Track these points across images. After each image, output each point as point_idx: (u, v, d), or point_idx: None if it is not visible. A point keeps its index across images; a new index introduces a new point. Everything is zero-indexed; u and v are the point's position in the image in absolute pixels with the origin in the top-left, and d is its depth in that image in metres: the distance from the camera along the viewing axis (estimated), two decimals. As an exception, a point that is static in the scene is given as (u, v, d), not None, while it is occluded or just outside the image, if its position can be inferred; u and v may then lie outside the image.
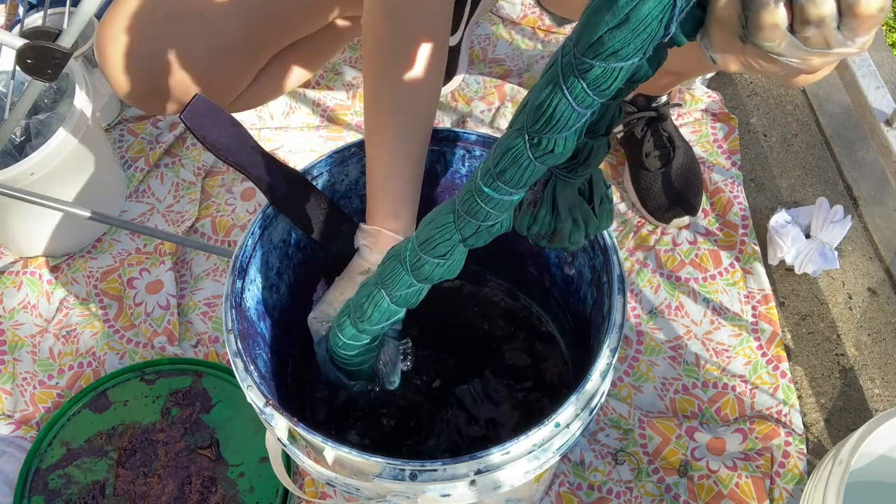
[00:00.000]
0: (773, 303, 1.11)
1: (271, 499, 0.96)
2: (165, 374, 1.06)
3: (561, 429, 0.64)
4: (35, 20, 1.25)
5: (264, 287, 0.80)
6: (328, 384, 0.90)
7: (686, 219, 1.17)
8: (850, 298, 1.12)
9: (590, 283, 0.80)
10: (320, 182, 0.82)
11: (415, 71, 0.73)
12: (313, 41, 1.09)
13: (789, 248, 1.12)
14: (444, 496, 0.63)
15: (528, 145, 0.49)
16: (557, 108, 0.45)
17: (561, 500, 0.96)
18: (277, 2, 0.97)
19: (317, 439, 0.63)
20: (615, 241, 0.73)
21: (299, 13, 1.00)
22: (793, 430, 1.01)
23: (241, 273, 0.75)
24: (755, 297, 1.11)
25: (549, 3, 1.09)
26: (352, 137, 1.31)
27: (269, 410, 0.67)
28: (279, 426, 0.67)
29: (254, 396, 0.68)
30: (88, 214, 1.02)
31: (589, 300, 0.81)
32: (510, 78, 1.36)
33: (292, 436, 0.68)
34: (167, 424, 1.02)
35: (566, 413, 0.65)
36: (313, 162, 0.81)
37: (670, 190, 1.16)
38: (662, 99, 1.18)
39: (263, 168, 0.76)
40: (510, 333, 0.93)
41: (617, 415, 1.02)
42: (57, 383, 1.08)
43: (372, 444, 0.86)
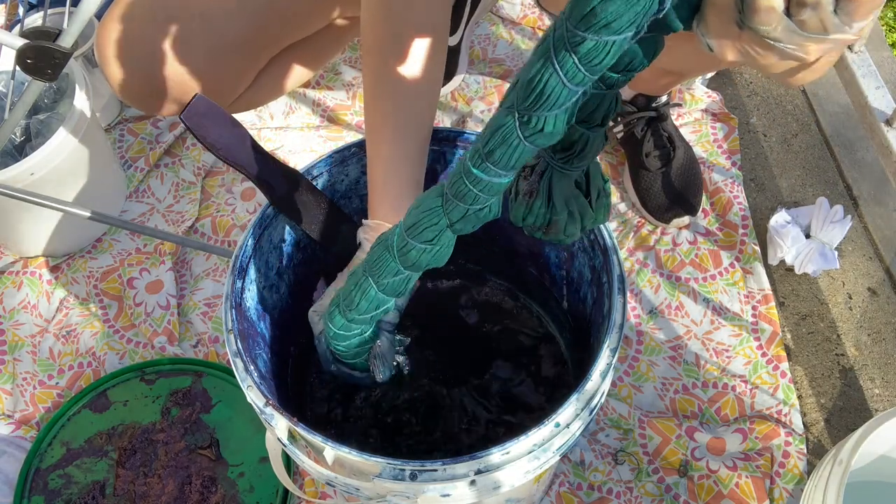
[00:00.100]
0: (773, 303, 1.11)
1: (271, 499, 0.96)
2: (165, 374, 1.06)
3: (561, 429, 0.64)
4: (35, 20, 1.25)
5: (264, 287, 0.80)
6: (328, 384, 0.90)
7: (686, 219, 1.17)
8: (850, 298, 1.12)
9: (590, 283, 0.80)
10: (320, 182, 0.82)
11: (414, 70, 0.73)
12: (313, 41, 1.09)
13: (789, 248, 1.12)
14: (444, 496, 0.63)
15: (518, 123, 0.47)
16: (548, 84, 0.44)
17: (561, 500, 0.96)
18: (278, 2, 0.97)
19: (317, 439, 0.63)
20: (615, 241, 0.73)
21: (299, 13, 1.00)
22: (793, 430, 1.01)
23: (241, 273, 0.75)
24: (755, 297, 1.11)
25: (549, 4, 1.09)
26: (352, 137, 1.31)
27: (269, 410, 0.67)
28: (279, 426, 0.67)
29: (254, 396, 0.68)
30: (88, 214, 1.02)
31: (589, 300, 0.81)
32: (510, 78, 1.36)
33: (292, 436, 0.68)
34: (167, 424, 1.02)
35: (566, 413, 0.65)
36: (313, 162, 0.81)
37: (670, 190, 1.16)
38: (662, 99, 1.18)
39: (263, 168, 0.76)
40: (510, 333, 0.93)
41: (617, 415, 1.02)
42: (57, 383, 1.08)
43: (372, 444, 0.86)
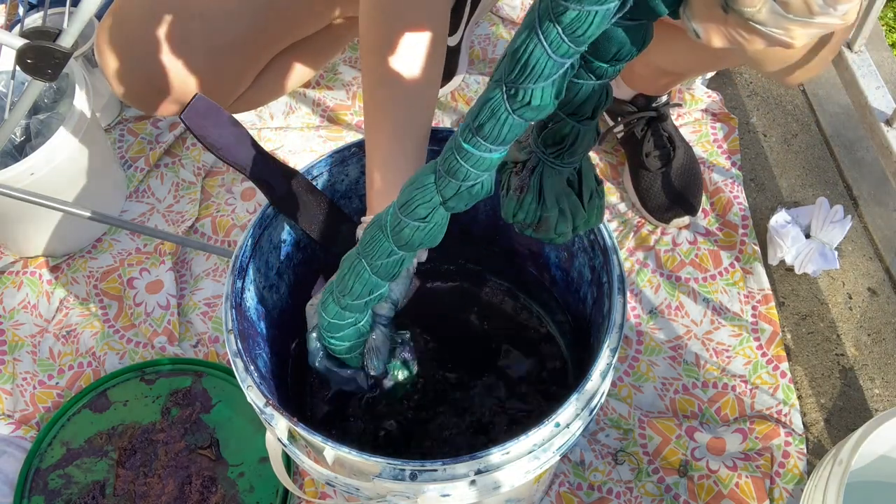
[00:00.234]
0: (773, 303, 1.11)
1: (271, 499, 0.96)
2: (165, 374, 1.06)
3: (561, 429, 0.64)
4: (35, 20, 1.25)
5: (264, 287, 0.80)
6: (328, 383, 0.90)
7: (686, 219, 1.17)
8: (850, 298, 1.12)
9: (590, 283, 0.80)
10: (320, 182, 0.82)
11: (412, 69, 0.73)
12: (313, 41, 1.09)
13: (789, 248, 1.12)
14: (444, 496, 0.63)
15: (506, 96, 0.48)
16: (533, 55, 0.45)
17: (561, 500, 0.96)
18: (278, 2, 0.97)
19: (317, 439, 0.63)
20: (615, 241, 0.73)
21: (299, 14, 1.00)
22: (793, 430, 1.01)
23: (241, 273, 0.75)
24: (755, 297, 1.11)
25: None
26: (352, 137, 1.31)
27: (269, 410, 0.67)
28: (279, 426, 0.67)
29: (254, 396, 0.68)
30: (88, 214, 1.02)
31: (589, 300, 0.81)
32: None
33: (292, 436, 0.68)
34: (167, 424, 1.02)
35: (566, 413, 0.65)
36: (313, 162, 0.81)
37: (670, 190, 1.16)
38: (662, 99, 1.18)
39: (263, 168, 0.76)
40: (510, 333, 0.93)
41: (617, 415, 1.02)
42: (57, 383, 1.08)
43: (372, 444, 0.86)
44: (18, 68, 0.86)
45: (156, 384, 1.06)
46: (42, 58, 0.85)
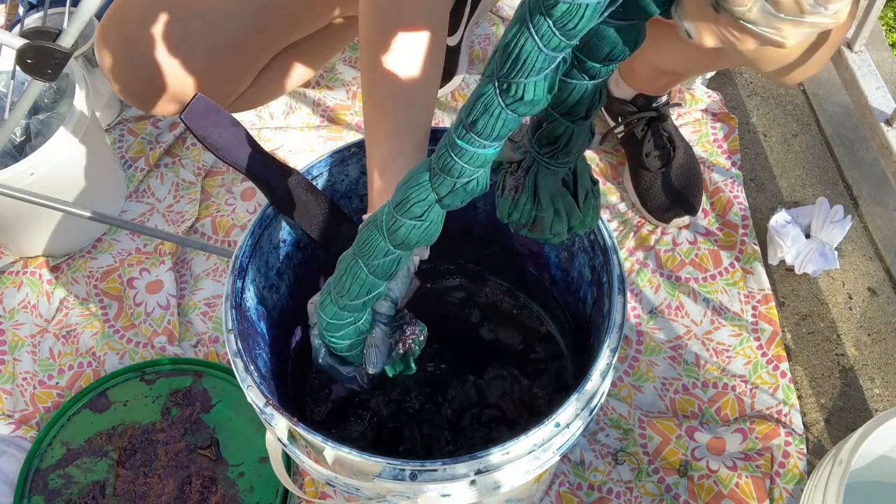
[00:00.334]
0: (773, 303, 1.11)
1: (271, 499, 0.96)
2: (165, 374, 1.06)
3: (561, 429, 0.64)
4: (35, 20, 1.25)
5: (264, 287, 0.80)
6: (328, 383, 0.90)
7: (686, 219, 1.17)
8: (850, 298, 1.12)
9: (590, 283, 0.80)
10: (320, 182, 0.82)
11: (411, 65, 0.73)
12: (313, 41, 1.09)
13: (789, 248, 1.12)
14: (444, 496, 0.63)
15: (498, 91, 0.48)
16: (524, 49, 0.45)
17: (561, 500, 0.96)
18: (278, 2, 0.97)
19: (317, 439, 0.63)
20: (615, 241, 0.73)
21: (300, 13, 1.00)
22: (793, 430, 1.01)
23: (241, 273, 0.75)
24: (755, 297, 1.11)
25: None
26: (352, 137, 1.31)
27: (269, 410, 0.67)
28: (279, 426, 0.67)
29: (254, 396, 0.68)
30: (88, 214, 1.02)
31: (589, 300, 0.81)
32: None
33: (292, 436, 0.68)
34: (167, 424, 1.02)
35: (566, 413, 0.65)
36: (313, 162, 0.81)
37: (670, 190, 1.16)
38: (662, 99, 1.18)
39: (263, 168, 0.76)
40: (510, 333, 0.93)
41: (617, 415, 1.02)
42: (57, 383, 1.08)
43: (372, 444, 0.86)
44: (18, 68, 0.86)
45: (156, 384, 1.06)
46: (42, 58, 0.85)
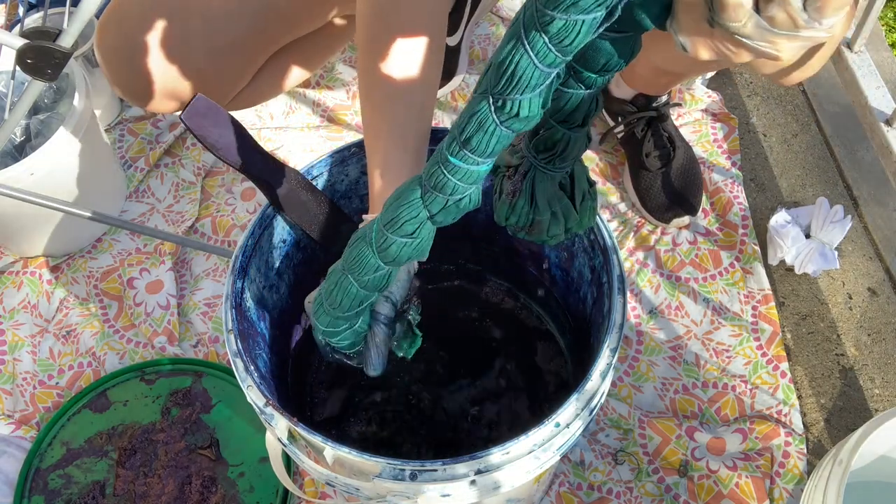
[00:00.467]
0: (773, 303, 1.10)
1: (271, 499, 0.96)
2: (165, 374, 1.06)
3: (561, 429, 0.64)
4: (35, 20, 1.25)
5: (264, 287, 0.80)
6: (328, 383, 0.90)
7: (686, 219, 1.17)
8: (850, 298, 1.12)
9: (590, 283, 0.80)
10: (320, 182, 0.82)
11: (410, 66, 0.73)
12: (312, 40, 1.09)
13: (789, 248, 1.12)
14: (444, 496, 0.63)
15: (493, 108, 0.47)
16: (519, 66, 0.44)
17: (561, 500, 0.96)
18: (278, 1, 0.97)
19: (317, 439, 0.63)
20: (615, 241, 0.73)
21: (299, 13, 1.00)
22: (793, 430, 1.01)
23: (241, 273, 0.75)
24: (755, 297, 1.11)
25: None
26: (352, 137, 1.31)
27: (269, 410, 0.67)
28: (279, 426, 0.67)
29: (254, 396, 0.68)
30: (88, 214, 1.02)
31: (589, 300, 0.81)
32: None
33: (292, 436, 0.68)
34: (167, 424, 1.02)
35: (566, 413, 0.65)
36: (313, 162, 0.81)
37: (670, 190, 1.16)
38: (662, 99, 1.18)
39: (263, 168, 0.76)
40: (510, 333, 0.93)
41: (617, 415, 1.02)
42: (57, 383, 1.08)
43: (372, 444, 0.86)
44: (18, 68, 0.86)
45: (156, 384, 1.06)
46: (42, 58, 0.85)
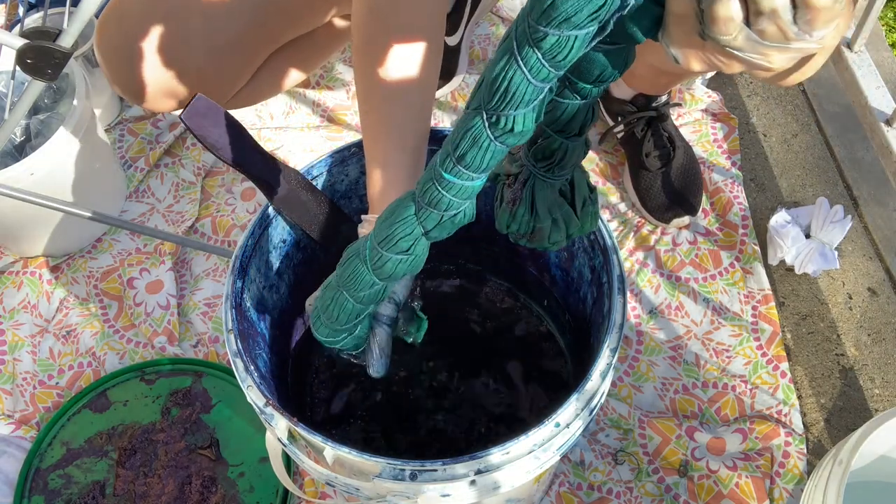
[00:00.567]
0: (773, 303, 1.11)
1: (271, 499, 0.96)
2: (165, 374, 1.06)
3: (561, 429, 0.64)
4: (35, 20, 1.25)
5: (264, 287, 0.80)
6: (328, 384, 0.90)
7: (686, 219, 1.17)
8: (850, 298, 1.12)
9: (590, 283, 0.80)
10: (320, 182, 0.82)
11: (408, 67, 0.73)
12: (312, 39, 1.09)
13: (789, 248, 1.12)
14: (444, 496, 0.63)
15: (487, 124, 0.47)
16: (513, 82, 0.44)
17: (561, 500, 0.96)
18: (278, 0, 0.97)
19: (317, 439, 0.63)
20: (615, 241, 0.73)
21: (299, 11, 1.00)
22: (793, 430, 1.01)
23: (241, 273, 0.75)
24: (755, 297, 1.11)
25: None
26: (352, 137, 1.31)
27: (269, 410, 0.67)
28: (279, 426, 0.67)
29: (254, 396, 0.68)
30: (88, 214, 1.02)
31: (589, 300, 0.81)
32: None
33: (292, 436, 0.68)
34: (167, 424, 1.02)
35: (566, 413, 0.65)
36: (313, 162, 0.81)
37: (670, 190, 1.16)
38: (662, 99, 1.18)
39: (263, 168, 0.76)
40: (510, 333, 0.93)
41: (617, 415, 1.02)
42: (57, 383, 1.08)
43: (372, 444, 0.86)
44: (18, 68, 0.86)
45: (156, 384, 1.06)
46: (42, 58, 0.85)
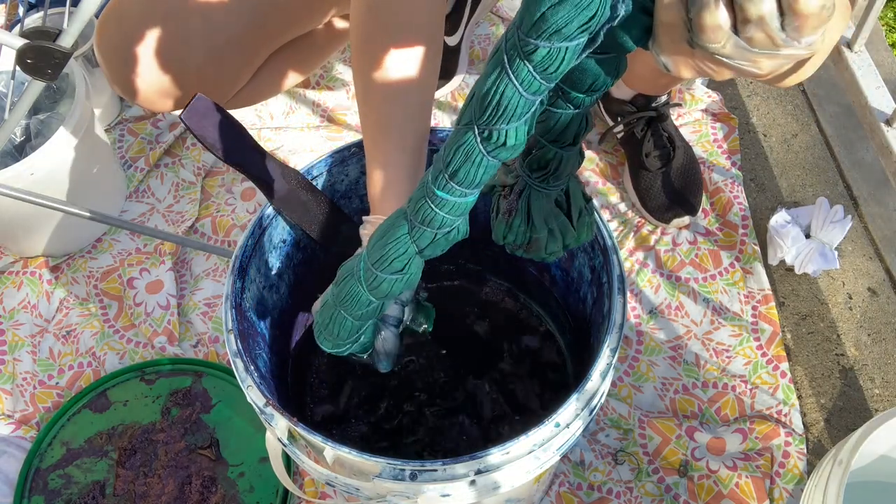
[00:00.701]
0: (773, 303, 1.11)
1: (271, 499, 0.96)
2: (165, 374, 1.06)
3: (561, 429, 0.64)
4: (35, 20, 1.25)
5: (264, 287, 0.80)
6: (328, 383, 0.90)
7: (686, 219, 1.17)
8: (850, 298, 1.12)
9: (590, 283, 0.80)
10: (320, 182, 0.82)
11: (406, 64, 0.73)
12: (312, 39, 1.09)
13: (789, 248, 1.12)
14: (444, 496, 0.63)
15: (479, 139, 0.47)
16: (504, 95, 0.44)
17: (561, 500, 0.96)
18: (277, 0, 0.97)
19: (317, 439, 0.63)
20: (615, 241, 0.73)
21: (299, 10, 1.00)
22: (793, 430, 1.01)
23: (241, 273, 0.75)
24: (755, 297, 1.11)
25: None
26: (352, 137, 1.31)
27: (269, 410, 0.67)
28: (279, 426, 0.67)
29: (254, 396, 0.68)
30: (88, 214, 1.02)
31: (589, 300, 0.81)
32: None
33: (292, 436, 0.68)
34: (167, 424, 1.02)
35: (566, 413, 0.65)
36: (313, 162, 0.81)
37: (670, 190, 1.16)
38: (662, 99, 1.18)
39: (263, 168, 0.76)
40: (510, 333, 0.93)
41: (617, 415, 1.02)
42: (57, 383, 1.08)
43: (372, 444, 0.86)
44: (18, 68, 0.86)
45: (156, 384, 1.06)
46: (42, 58, 0.85)
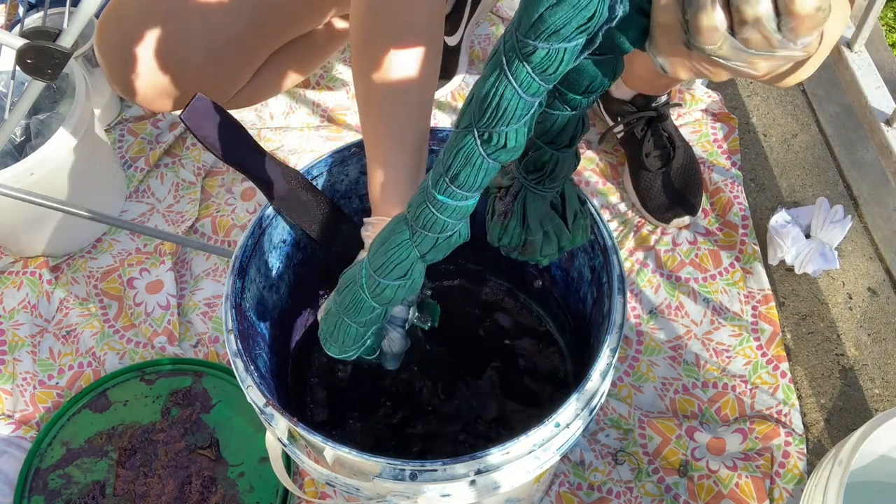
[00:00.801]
0: (773, 303, 1.11)
1: (271, 499, 0.96)
2: (165, 374, 1.06)
3: (561, 429, 0.64)
4: (35, 20, 1.25)
5: (264, 287, 0.80)
6: (328, 384, 0.90)
7: (686, 219, 1.17)
8: (850, 298, 1.12)
9: (590, 283, 0.80)
10: (320, 182, 0.82)
11: (406, 64, 0.73)
12: (312, 39, 1.09)
13: (789, 248, 1.12)
14: (444, 496, 0.63)
15: (479, 142, 0.47)
16: (504, 97, 0.44)
17: (561, 500, 0.96)
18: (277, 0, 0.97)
19: (317, 439, 0.63)
20: (615, 241, 0.73)
21: (298, 10, 1.00)
22: (793, 430, 1.01)
23: (241, 273, 0.75)
24: (755, 297, 1.11)
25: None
26: (352, 137, 1.31)
27: (270, 410, 0.67)
28: (279, 426, 0.67)
29: (254, 396, 0.68)
30: (88, 214, 1.02)
31: (589, 300, 0.81)
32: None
33: (292, 436, 0.68)
34: (167, 424, 1.02)
35: (566, 413, 0.65)
36: (313, 162, 0.81)
37: (670, 190, 1.16)
38: (662, 99, 1.18)
39: (263, 168, 0.76)
40: (510, 333, 0.93)
41: (617, 415, 1.02)
42: (57, 383, 1.08)
43: (372, 444, 0.86)
44: (18, 68, 0.86)
45: (156, 384, 1.06)
46: (42, 58, 0.85)
